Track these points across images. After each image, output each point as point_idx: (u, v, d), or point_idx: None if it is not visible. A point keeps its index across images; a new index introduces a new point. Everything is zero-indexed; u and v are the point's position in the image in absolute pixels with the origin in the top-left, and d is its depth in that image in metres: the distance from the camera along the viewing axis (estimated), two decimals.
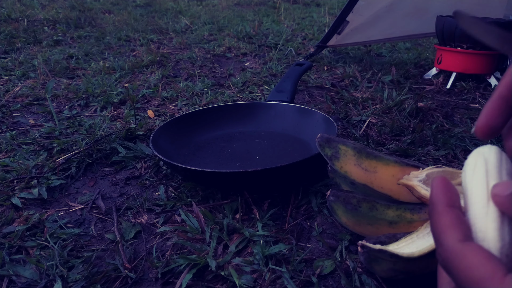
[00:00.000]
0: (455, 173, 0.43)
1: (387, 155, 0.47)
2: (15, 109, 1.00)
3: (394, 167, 0.45)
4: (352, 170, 0.48)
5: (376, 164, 0.46)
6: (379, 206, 0.46)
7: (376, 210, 0.46)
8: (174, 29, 2.12)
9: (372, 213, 0.46)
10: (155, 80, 1.24)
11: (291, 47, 1.71)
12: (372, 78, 1.26)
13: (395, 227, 0.45)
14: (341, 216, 0.49)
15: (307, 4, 3.43)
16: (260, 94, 1.11)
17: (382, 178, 0.46)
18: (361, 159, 0.47)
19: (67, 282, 0.45)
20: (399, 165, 0.45)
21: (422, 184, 0.41)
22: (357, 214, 0.47)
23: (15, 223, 0.56)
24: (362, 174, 0.47)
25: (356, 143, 0.50)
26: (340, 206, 0.48)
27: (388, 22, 1.48)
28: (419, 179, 0.42)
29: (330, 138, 0.51)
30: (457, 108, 1.02)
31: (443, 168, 0.43)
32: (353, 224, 0.48)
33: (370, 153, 0.47)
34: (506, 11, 1.44)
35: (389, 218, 0.45)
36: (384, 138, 0.82)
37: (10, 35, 1.80)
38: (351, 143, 0.49)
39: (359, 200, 0.47)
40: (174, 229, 0.54)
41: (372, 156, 0.47)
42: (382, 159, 0.46)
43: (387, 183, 0.45)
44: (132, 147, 0.77)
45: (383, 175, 0.45)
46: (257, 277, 0.45)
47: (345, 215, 0.48)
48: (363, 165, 0.47)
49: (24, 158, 0.73)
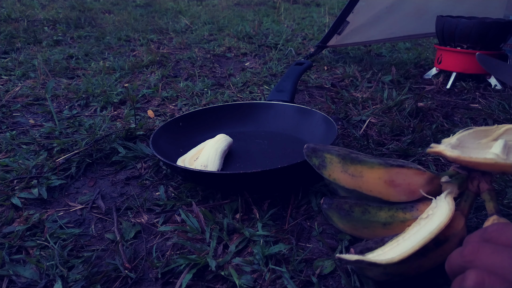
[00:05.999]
0: (488, 130, 0.44)
1: (372, 157, 0.47)
2: (15, 109, 1.00)
3: (379, 169, 0.45)
4: (340, 177, 0.48)
5: (362, 169, 0.46)
6: (371, 209, 0.46)
7: (368, 213, 0.46)
8: (174, 29, 2.12)
9: (365, 216, 0.46)
10: (155, 80, 1.24)
11: (291, 47, 1.71)
12: (372, 78, 1.26)
13: (390, 228, 0.45)
14: (337, 222, 0.49)
15: (307, 4, 3.43)
16: (260, 94, 1.11)
17: (369, 182, 0.45)
18: (347, 165, 0.47)
19: (67, 282, 0.45)
20: (384, 167, 0.44)
21: (451, 149, 0.42)
22: (352, 219, 0.47)
23: (15, 223, 0.56)
24: (350, 180, 0.47)
25: (341, 149, 0.49)
26: (334, 213, 0.48)
27: (388, 22, 1.48)
28: (448, 144, 0.42)
29: (315, 148, 0.51)
30: (457, 108, 1.02)
31: (474, 129, 0.44)
32: (350, 229, 0.48)
33: (354, 158, 0.46)
34: (506, 11, 1.44)
35: (382, 220, 0.45)
36: (384, 138, 0.82)
37: (10, 35, 1.80)
38: (335, 151, 0.49)
39: (351, 205, 0.47)
40: (174, 229, 0.54)
41: (357, 161, 0.46)
42: (366, 163, 0.46)
43: (375, 186, 0.45)
44: (132, 147, 0.77)
45: (369, 178, 0.45)
46: (257, 277, 0.45)
47: (341, 221, 0.48)
48: (349, 171, 0.47)
49: (24, 158, 0.73)
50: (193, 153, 0.68)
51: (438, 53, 1.26)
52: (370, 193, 0.46)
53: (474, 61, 1.18)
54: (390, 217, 0.45)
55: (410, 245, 0.38)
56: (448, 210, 0.40)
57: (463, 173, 0.44)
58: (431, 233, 0.38)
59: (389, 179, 0.45)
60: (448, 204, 0.41)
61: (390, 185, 0.45)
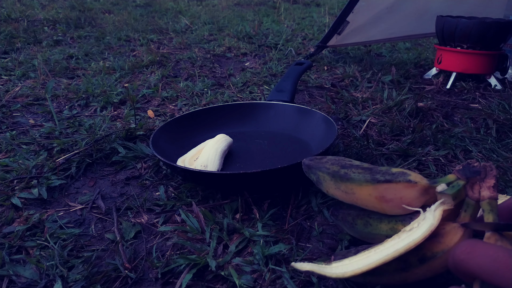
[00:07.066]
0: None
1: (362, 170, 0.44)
2: (15, 109, 1.00)
3: (367, 186, 0.42)
4: (336, 194, 0.47)
5: (352, 186, 0.44)
6: (372, 221, 0.45)
7: (370, 226, 0.44)
8: (174, 29, 2.12)
9: (367, 229, 0.45)
10: (155, 80, 1.24)
11: (291, 47, 1.71)
12: (372, 78, 1.26)
13: None
14: (349, 232, 0.49)
15: (307, 4, 3.43)
16: (260, 94, 1.11)
17: (362, 198, 0.44)
18: (338, 183, 0.45)
19: (67, 282, 0.45)
20: (371, 184, 0.42)
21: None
22: (357, 231, 0.46)
23: (15, 223, 0.56)
24: (345, 197, 0.46)
25: (332, 165, 0.47)
26: (342, 224, 0.48)
27: (389, 22, 1.48)
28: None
29: (310, 165, 0.50)
30: (457, 108, 1.02)
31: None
32: (362, 238, 0.47)
33: (343, 176, 0.45)
34: (506, 11, 1.44)
35: (384, 233, 0.43)
36: (384, 138, 0.82)
37: (10, 35, 1.80)
38: (325, 168, 0.47)
39: (353, 217, 0.46)
40: (174, 229, 0.54)
41: (345, 178, 0.45)
42: (354, 180, 0.44)
43: (368, 202, 0.44)
44: (132, 147, 0.77)
45: (360, 195, 0.44)
46: (257, 277, 0.45)
47: (350, 231, 0.48)
48: (341, 188, 0.45)
49: (24, 158, 0.73)
50: (193, 153, 0.68)
51: (438, 53, 1.26)
52: (366, 207, 0.45)
53: (474, 61, 1.18)
54: (391, 230, 0.43)
55: (372, 260, 0.36)
56: (428, 226, 0.36)
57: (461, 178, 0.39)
58: (396, 251, 0.35)
59: (379, 195, 0.42)
60: (430, 219, 0.37)
61: (381, 201, 0.42)
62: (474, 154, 0.74)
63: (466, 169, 0.39)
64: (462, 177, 0.38)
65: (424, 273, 0.38)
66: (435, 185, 0.40)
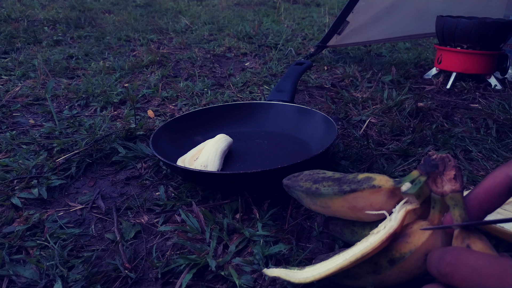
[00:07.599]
0: None
1: (330, 184, 0.43)
2: (15, 109, 1.00)
3: (337, 199, 0.42)
4: (316, 209, 0.46)
5: (325, 200, 0.43)
6: (357, 229, 0.44)
7: (356, 234, 0.44)
8: (174, 29, 2.12)
9: (355, 237, 0.44)
10: (155, 80, 1.24)
11: (291, 47, 1.71)
12: (372, 78, 1.26)
13: None
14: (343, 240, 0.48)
15: (307, 4, 3.43)
16: (260, 94, 1.11)
17: (337, 211, 0.43)
18: (313, 199, 0.45)
19: (67, 282, 0.45)
20: (340, 196, 0.42)
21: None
22: (347, 240, 0.46)
23: (15, 223, 0.56)
24: (324, 210, 0.45)
25: (306, 181, 0.46)
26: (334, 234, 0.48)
27: (389, 22, 1.48)
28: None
29: (288, 185, 0.49)
30: (457, 108, 1.02)
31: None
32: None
33: (315, 192, 0.44)
34: (506, 11, 1.44)
35: None
36: (384, 138, 0.82)
37: (10, 35, 1.80)
38: (299, 187, 0.47)
39: (341, 227, 0.46)
40: (174, 229, 0.54)
41: (317, 194, 0.44)
42: (324, 196, 0.43)
43: (344, 213, 0.43)
44: (132, 147, 0.77)
45: (335, 208, 0.43)
46: (257, 277, 0.45)
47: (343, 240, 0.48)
48: (318, 203, 0.45)
49: (24, 158, 0.73)
50: (193, 153, 0.68)
51: (438, 53, 1.26)
52: (345, 218, 0.44)
53: (474, 61, 1.18)
54: None
55: (334, 264, 0.35)
56: (388, 229, 0.35)
57: (423, 174, 0.36)
58: (354, 256, 0.35)
59: (351, 206, 0.41)
60: (390, 221, 0.36)
61: (354, 211, 0.41)
62: (474, 154, 0.74)
63: (426, 163, 0.36)
64: (423, 172, 0.36)
65: (398, 275, 0.37)
66: (400, 186, 0.38)
